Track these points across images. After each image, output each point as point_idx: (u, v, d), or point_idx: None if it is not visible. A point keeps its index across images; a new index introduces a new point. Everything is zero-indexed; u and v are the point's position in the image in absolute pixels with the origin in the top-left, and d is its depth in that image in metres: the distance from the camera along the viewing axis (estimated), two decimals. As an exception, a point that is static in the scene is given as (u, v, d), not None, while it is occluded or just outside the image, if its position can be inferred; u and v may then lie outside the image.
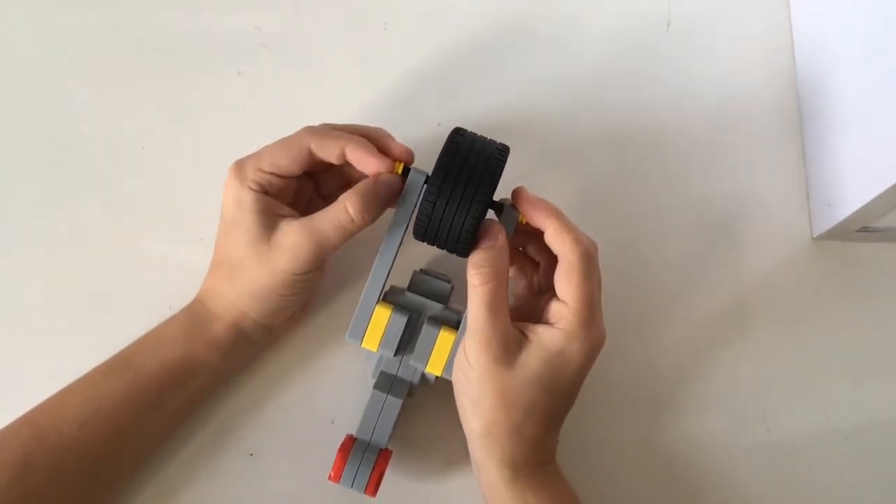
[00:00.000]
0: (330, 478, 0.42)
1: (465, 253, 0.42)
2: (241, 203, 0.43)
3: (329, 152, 0.43)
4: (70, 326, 0.48)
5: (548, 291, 0.43)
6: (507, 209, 0.43)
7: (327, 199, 0.45)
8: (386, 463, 0.43)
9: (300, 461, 0.46)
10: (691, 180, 0.54)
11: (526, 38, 0.56)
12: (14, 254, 0.50)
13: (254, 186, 0.43)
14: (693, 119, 0.55)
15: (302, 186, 0.46)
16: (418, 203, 0.42)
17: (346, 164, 0.44)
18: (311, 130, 0.44)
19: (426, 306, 0.45)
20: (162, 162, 0.52)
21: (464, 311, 0.43)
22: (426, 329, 0.43)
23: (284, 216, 0.43)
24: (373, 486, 0.42)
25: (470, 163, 0.41)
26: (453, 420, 0.46)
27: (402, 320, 0.43)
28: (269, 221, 0.43)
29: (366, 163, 0.43)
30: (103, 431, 0.42)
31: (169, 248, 0.50)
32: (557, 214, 0.42)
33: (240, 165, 0.43)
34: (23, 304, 0.49)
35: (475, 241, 0.42)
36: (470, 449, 0.43)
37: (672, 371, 0.50)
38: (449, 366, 0.43)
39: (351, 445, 0.43)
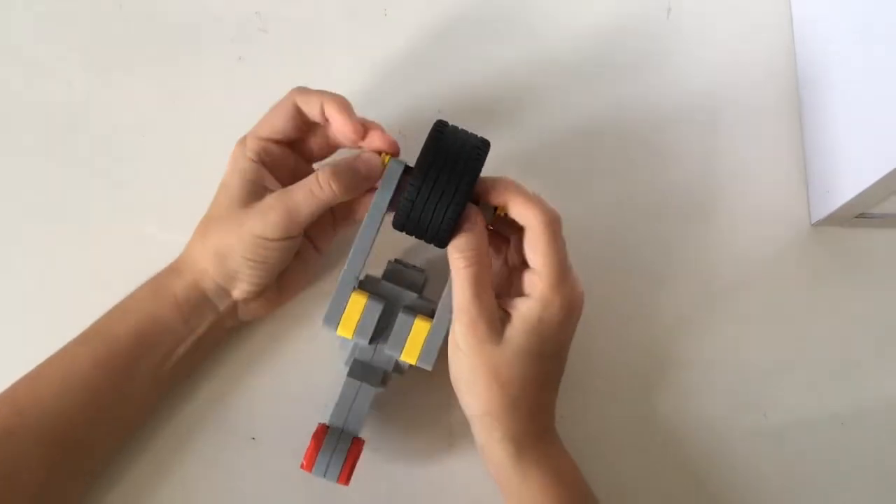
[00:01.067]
0: (302, 467, 0.42)
1: (443, 244, 0.43)
2: (235, 171, 0.44)
3: (311, 107, 0.44)
4: (69, 311, 0.48)
5: (521, 264, 0.44)
6: (483, 207, 0.44)
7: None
8: (359, 451, 0.43)
9: (300, 445, 0.47)
10: (690, 166, 0.54)
11: (526, 24, 0.56)
12: (13, 239, 0.50)
13: (252, 156, 0.44)
14: (692, 105, 0.55)
15: (300, 167, 0.47)
16: (398, 193, 0.43)
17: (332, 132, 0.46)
18: (298, 88, 0.45)
19: (401, 295, 0.45)
20: (162, 148, 0.52)
21: (438, 301, 0.44)
22: (401, 317, 0.44)
23: (271, 190, 0.44)
24: (346, 475, 0.42)
25: (452, 156, 0.41)
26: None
27: (377, 308, 0.43)
28: (255, 190, 0.44)
29: (336, 118, 0.44)
30: (81, 401, 0.42)
31: (169, 233, 0.50)
32: (516, 189, 0.43)
33: (242, 138, 0.45)
34: (22, 290, 0.49)
35: (454, 232, 0.43)
36: (472, 430, 0.44)
37: (668, 356, 0.50)
38: (423, 354, 0.43)
39: (324, 434, 0.42)
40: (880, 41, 0.47)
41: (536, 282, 0.42)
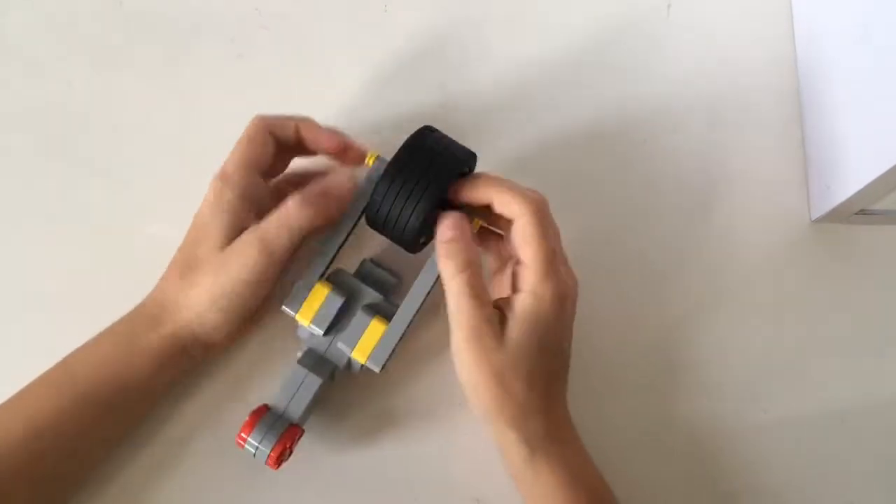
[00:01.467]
0: (235, 441, 0.42)
1: (411, 248, 0.43)
2: (218, 209, 0.43)
3: (286, 130, 0.44)
4: (68, 308, 0.49)
5: (512, 258, 0.44)
6: (464, 212, 0.43)
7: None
8: (292, 439, 0.42)
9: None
10: (690, 163, 0.54)
11: (526, 22, 0.56)
12: (13, 237, 0.50)
13: (240, 192, 0.43)
14: (692, 102, 0.55)
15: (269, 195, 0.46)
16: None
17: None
18: (260, 116, 0.45)
19: (365, 293, 0.45)
20: (162, 146, 0.52)
21: (401, 306, 0.44)
22: (359, 315, 0.44)
23: (238, 222, 0.43)
24: (274, 458, 0.41)
25: (428, 160, 0.41)
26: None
27: (337, 301, 0.44)
28: (235, 230, 0.43)
29: (317, 134, 0.44)
30: (49, 449, 0.41)
31: (168, 230, 0.50)
32: (497, 184, 0.42)
33: (223, 174, 0.43)
34: (21, 287, 0.49)
35: (424, 240, 0.43)
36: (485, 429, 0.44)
37: (668, 354, 0.50)
38: (374, 355, 0.43)
39: (261, 414, 0.42)
40: (881, 37, 0.47)
41: (527, 276, 0.41)
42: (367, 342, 0.43)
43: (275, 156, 0.45)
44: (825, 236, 0.53)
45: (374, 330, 0.44)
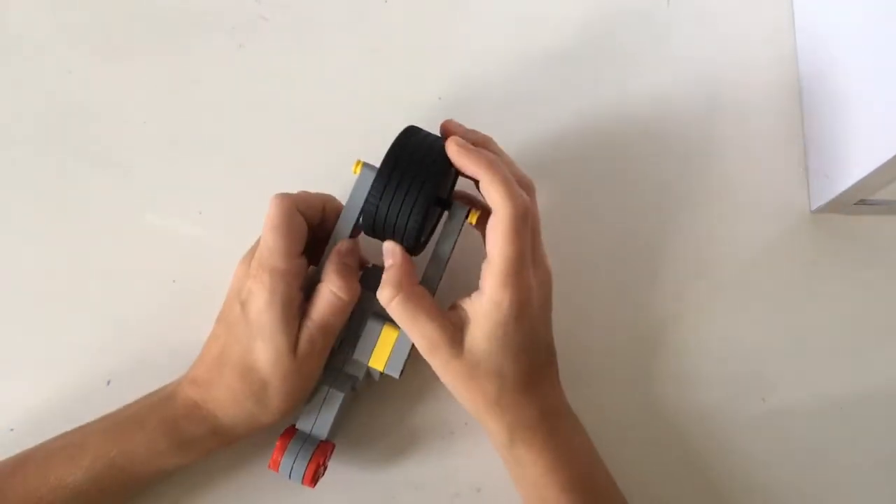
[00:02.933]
0: (269, 466, 0.42)
1: (415, 250, 0.43)
2: (275, 305, 0.40)
3: (314, 210, 0.43)
4: (72, 298, 0.49)
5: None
6: (455, 206, 0.43)
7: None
8: (325, 455, 0.43)
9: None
10: (690, 153, 0.54)
11: (526, 13, 0.56)
12: (16, 228, 0.50)
13: (293, 282, 0.41)
14: (692, 93, 0.55)
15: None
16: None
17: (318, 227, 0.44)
18: (285, 195, 0.42)
19: (373, 301, 0.44)
20: (163, 135, 0.52)
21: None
22: (370, 324, 0.44)
23: (297, 315, 0.42)
24: (309, 477, 0.42)
25: (416, 160, 0.41)
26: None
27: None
28: (292, 327, 0.41)
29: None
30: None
31: (170, 220, 0.50)
32: (490, 166, 0.40)
33: (269, 265, 0.41)
34: (24, 277, 0.49)
35: (424, 238, 0.43)
36: None
37: (669, 342, 0.50)
38: (391, 361, 0.43)
39: (290, 436, 0.43)
40: (881, 27, 0.47)
41: (488, 277, 0.40)
42: (382, 350, 0.43)
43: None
44: (825, 226, 0.53)
45: (387, 337, 0.43)
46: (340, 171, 0.45)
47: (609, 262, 0.51)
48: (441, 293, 0.44)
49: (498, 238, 0.40)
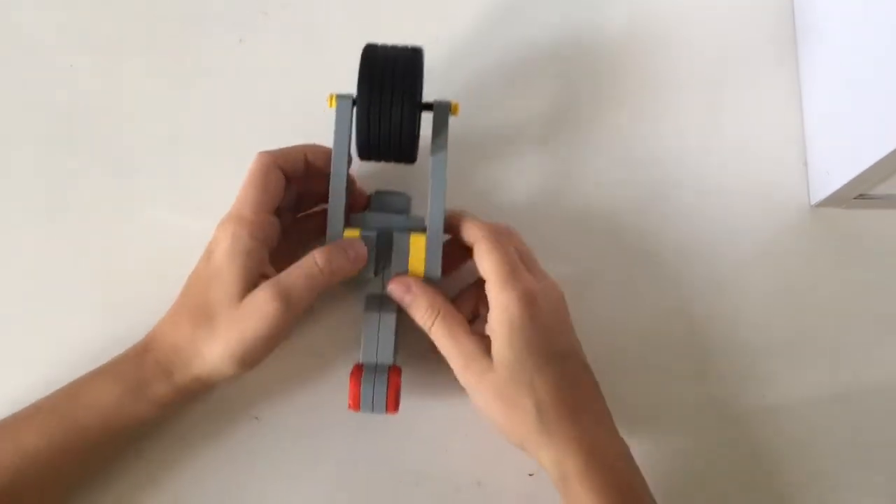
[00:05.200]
0: (349, 407, 0.43)
1: (410, 157, 0.44)
2: (234, 255, 0.41)
3: (295, 161, 0.44)
4: (72, 295, 0.49)
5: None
6: (438, 106, 0.45)
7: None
8: (399, 377, 0.43)
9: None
10: (689, 146, 0.54)
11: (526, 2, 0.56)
12: (15, 226, 0.50)
13: (259, 235, 0.42)
14: (692, 86, 0.55)
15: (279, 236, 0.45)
16: (352, 125, 0.44)
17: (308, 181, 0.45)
18: (265, 152, 0.44)
19: (390, 220, 0.45)
20: (163, 131, 0.52)
21: (429, 210, 0.44)
22: (397, 238, 0.44)
23: (266, 276, 0.42)
24: (392, 404, 0.43)
25: (388, 71, 0.42)
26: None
27: (371, 238, 0.44)
28: (252, 278, 0.41)
29: (327, 160, 0.44)
30: (35, 477, 0.41)
31: (169, 215, 0.50)
32: (462, 216, 0.45)
33: (233, 217, 0.42)
34: (24, 275, 0.49)
35: (416, 140, 0.44)
36: None
37: (666, 337, 0.50)
38: (429, 265, 0.44)
39: (360, 372, 0.43)
40: (881, 21, 0.47)
41: (490, 289, 0.42)
42: (416, 257, 0.44)
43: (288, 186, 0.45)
44: (825, 221, 0.53)
45: (417, 243, 0.44)
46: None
47: (606, 257, 0.51)
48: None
49: (483, 253, 0.43)
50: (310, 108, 0.52)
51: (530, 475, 0.47)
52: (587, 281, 0.50)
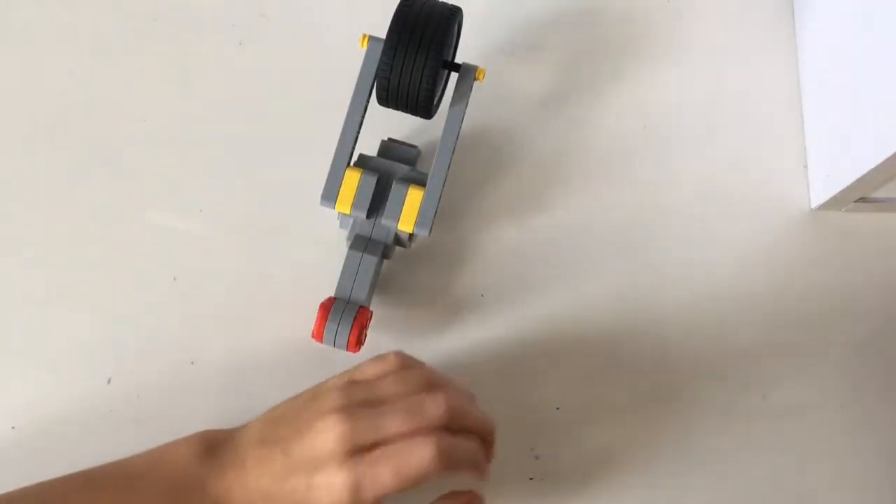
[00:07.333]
0: (312, 336, 0.43)
1: (427, 112, 0.44)
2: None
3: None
4: (72, 296, 0.49)
5: None
6: (465, 67, 0.45)
7: None
8: (366, 319, 0.43)
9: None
10: (689, 150, 0.54)
11: (522, 3, 0.56)
12: (16, 226, 0.50)
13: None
14: (692, 90, 0.55)
15: None
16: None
17: None
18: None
19: (394, 168, 0.46)
20: (163, 133, 0.52)
21: (433, 167, 0.44)
22: (395, 188, 0.44)
23: None
24: (353, 342, 0.43)
25: (421, 24, 0.42)
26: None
27: (371, 180, 0.44)
28: None
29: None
30: None
31: (170, 218, 0.50)
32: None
33: (384, 484, 0.36)
34: (24, 276, 0.49)
35: (437, 101, 0.43)
36: None
37: (666, 340, 0.50)
38: (420, 221, 0.44)
39: (330, 305, 0.43)
40: (882, 24, 0.47)
41: None
42: (409, 211, 0.44)
43: None
44: (825, 224, 0.53)
45: (413, 197, 0.44)
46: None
47: (607, 260, 0.51)
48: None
49: None
50: (309, 112, 0.52)
51: (530, 479, 0.47)
52: (583, 283, 0.50)
